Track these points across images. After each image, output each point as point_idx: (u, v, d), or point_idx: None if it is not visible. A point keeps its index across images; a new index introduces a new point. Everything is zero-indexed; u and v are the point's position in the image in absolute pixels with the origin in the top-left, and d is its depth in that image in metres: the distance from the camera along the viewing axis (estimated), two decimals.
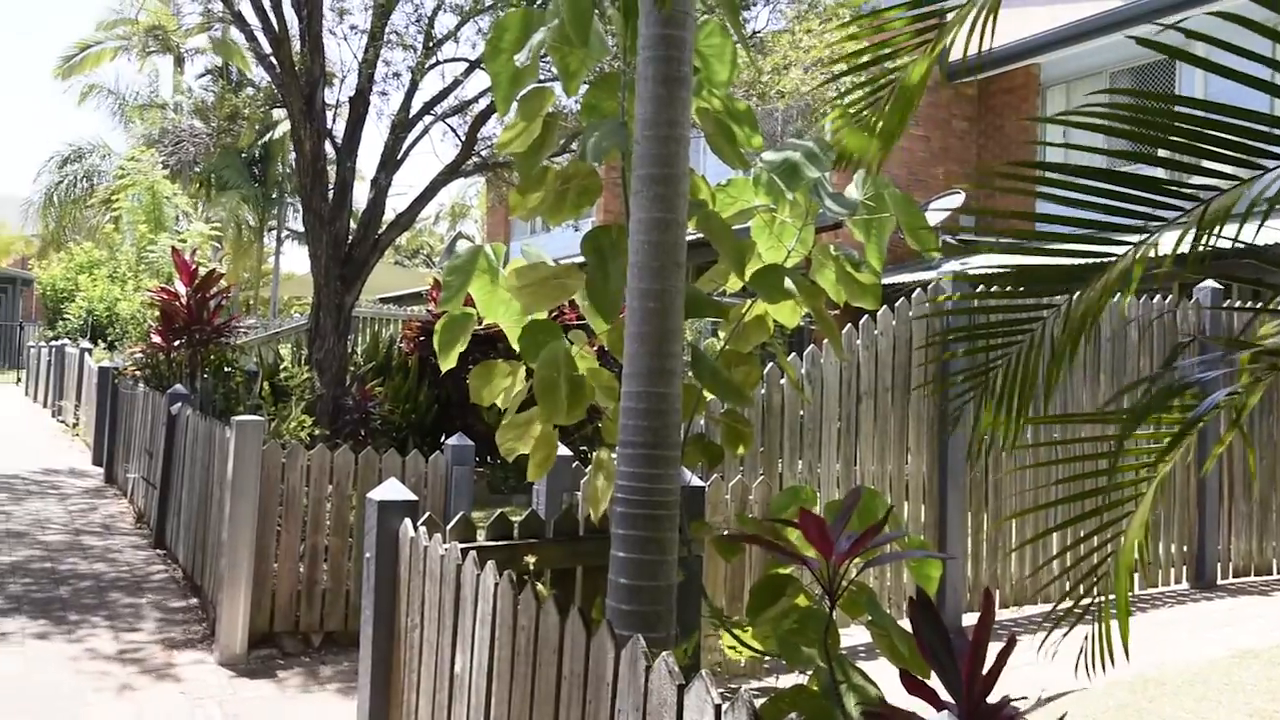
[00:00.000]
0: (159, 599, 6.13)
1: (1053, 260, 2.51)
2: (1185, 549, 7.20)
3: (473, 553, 2.95)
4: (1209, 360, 2.59)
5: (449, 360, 3.33)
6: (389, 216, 10.70)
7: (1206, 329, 7.20)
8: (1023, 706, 1.86)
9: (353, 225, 10.09)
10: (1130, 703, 4.67)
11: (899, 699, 2.09)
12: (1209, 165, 2.20)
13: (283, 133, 23.92)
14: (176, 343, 9.25)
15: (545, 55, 3.03)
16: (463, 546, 3.07)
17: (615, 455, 2.82)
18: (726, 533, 3.80)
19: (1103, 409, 6.69)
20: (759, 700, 1.94)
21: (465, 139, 10.17)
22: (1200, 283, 7.37)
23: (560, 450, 4.32)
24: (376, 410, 9.33)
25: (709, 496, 4.65)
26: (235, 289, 25.71)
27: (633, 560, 2.68)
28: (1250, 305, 7.57)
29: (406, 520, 3.43)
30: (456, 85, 10.38)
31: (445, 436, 6.45)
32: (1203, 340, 6.72)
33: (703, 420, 4.54)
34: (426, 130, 10.38)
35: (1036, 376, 2.66)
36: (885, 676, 2.49)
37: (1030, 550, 6.40)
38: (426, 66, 9.97)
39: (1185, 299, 7.32)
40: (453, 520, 3.28)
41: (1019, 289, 2.83)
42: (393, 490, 3.53)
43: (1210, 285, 7.31)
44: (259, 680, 4.86)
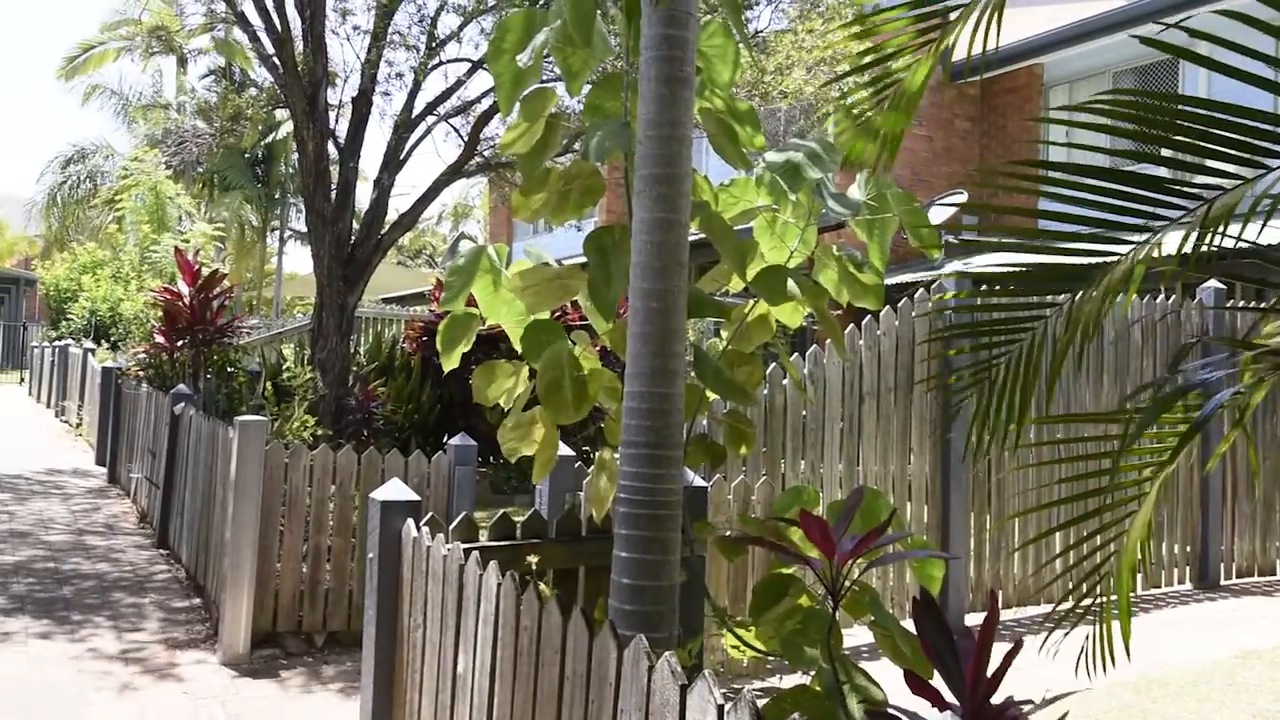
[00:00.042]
0: (162, 599, 6.14)
1: (1055, 259, 2.51)
2: (1188, 549, 7.19)
3: (475, 553, 2.95)
4: (1213, 362, 2.59)
5: (452, 360, 3.33)
6: (392, 217, 10.70)
7: (1210, 329, 7.19)
8: (1026, 708, 1.86)
9: (355, 225, 10.09)
10: (1133, 703, 4.66)
11: (902, 699, 2.09)
12: (1212, 164, 2.20)
13: (286, 133, 23.94)
14: (179, 343, 9.27)
15: (548, 56, 3.03)
16: (465, 547, 3.07)
17: (618, 455, 2.82)
18: (729, 533, 3.80)
19: (1108, 410, 6.68)
20: (762, 700, 1.94)
21: (468, 139, 10.17)
22: (1204, 283, 7.36)
23: (563, 450, 4.33)
24: (379, 410, 9.33)
25: (712, 497, 4.65)
26: (238, 289, 25.74)
27: (635, 560, 2.68)
28: (1254, 305, 7.57)
29: (409, 520, 3.43)
30: (459, 85, 10.38)
31: (448, 437, 6.46)
32: (1206, 341, 6.71)
33: (705, 420, 4.54)
34: (429, 131, 10.38)
35: (1039, 375, 2.66)
36: (888, 677, 2.49)
37: (1033, 550, 6.40)
38: (429, 67, 9.98)
39: (1188, 299, 7.31)
40: (455, 520, 3.28)
41: (1021, 288, 2.83)
42: (396, 490, 3.54)
43: (1214, 285, 7.30)
44: (262, 680, 4.86)
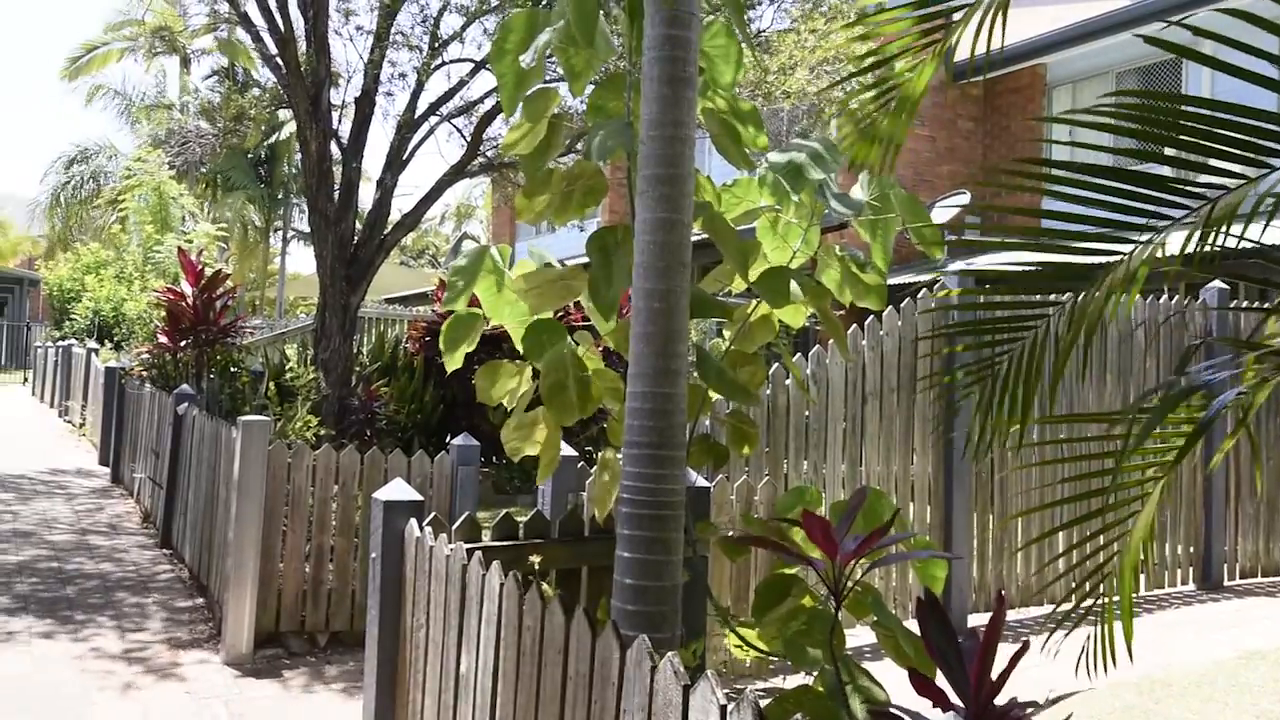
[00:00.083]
0: (165, 599, 6.15)
1: (1058, 258, 2.50)
2: (1192, 550, 7.18)
3: (478, 553, 2.96)
4: (1217, 363, 2.58)
5: (455, 361, 3.33)
6: (394, 217, 10.70)
7: (1214, 329, 7.18)
8: (1030, 709, 1.85)
9: (358, 226, 10.10)
10: (1136, 704, 4.66)
11: (905, 700, 2.09)
12: (1216, 164, 2.20)
13: (289, 133, 23.99)
14: (183, 343, 9.27)
15: (551, 56, 3.03)
16: (468, 546, 3.07)
17: (621, 456, 2.82)
18: (732, 533, 3.80)
19: (1111, 410, 6.67)
20: (764, 701, 1.94)
21: (471, 140, 10.17)
22: (1207, 283, 7.35)
23: (565, 451, 4.33)
24: (382, 410, 9.34)
25: (714, 497, 4.65)
26: (241, 289, 25.79)
27: (638, 560, 2.68)
28: (1258, 305, 7.55)
29: (412, 520, 3.43)
30: (462, 86, 10.39)
31: (450, 437, 6.47)
32: (1210, 342, 6.69)
33: (708, 421, 4.54)
34: (432, 131, 10.38)
35: (1041, 374, 2.65)
36: (891, 677, 2.49)
37: (1035, 550, 6.39)
38: (432, 67, 9.98)
39: (1192, 299, 7.30)
40: (458, 520, 3.29)
41: (1024, 287, 2.83)
42: (398, 490, 3.54)
43: (1217, 285, 7.28)
44: (264, 680, 4.86)
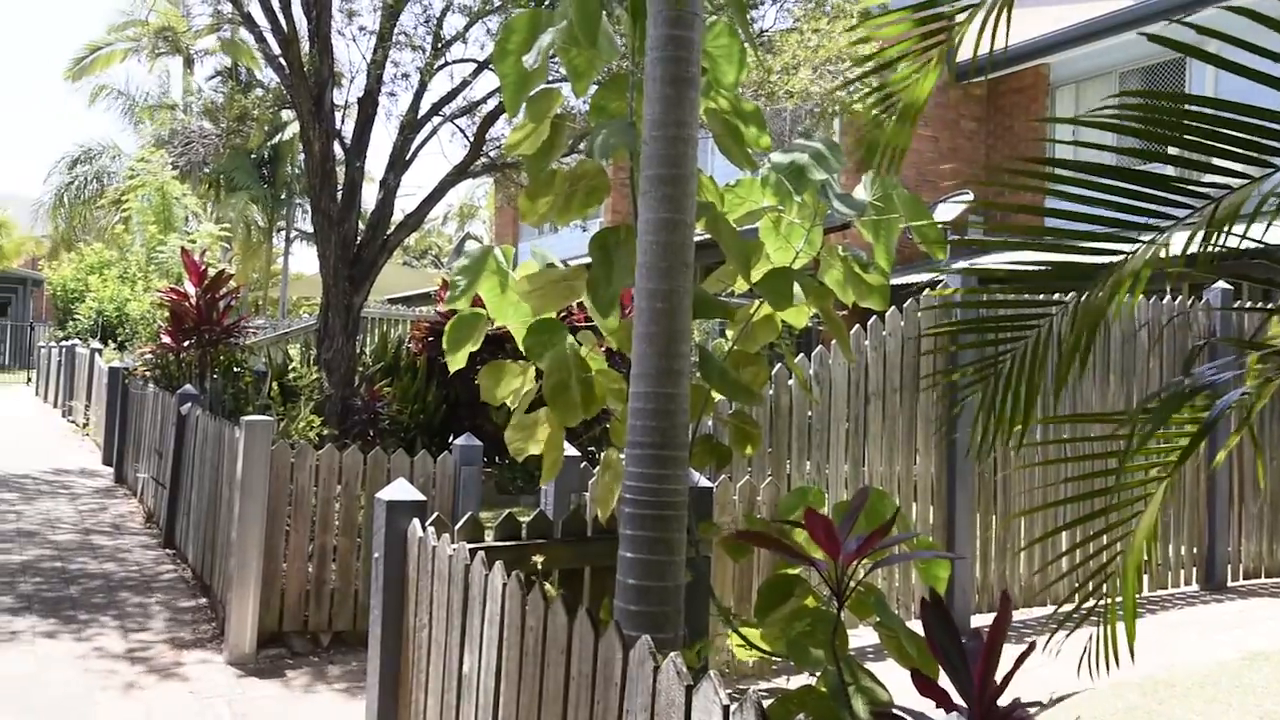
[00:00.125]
0: (168, 598, 6.15)
1: (1062, 258, 2.50)
2: (1195, 551, 7.17)
3: (481, 553, 2.96)
4: (1220, 364, 2.58)
5: (458, 360, 3.33)
6: (397, 217, 10.71)
7: (1217, 330, 7.16)
8: (1033, 710, 1.85)
9: (361, 226, 10.11)
10: (1139, 704, 4.65)
11: (908, 700, 2.08)
12: (1220, 163, 2.19)
13: (292, 134, 24.01)
14: (186, 343, 9.28)
15: (554, 56, 3.03)
16: (471, 547, 3.07)
17: (624, 456, 2.82)
18: (734, 531, 3.80)
19: (1114, 410, 6.67)
20: (767, 701, 1.94)
21: (473, 140, 10.18)
22: (1211, 283, 7.34)
23: (568, 451, 4.33)
24: (385, 410, 9.34)
25: (717, 497, 4.65)
26: (244, 289, 25.75)
27: (641, 561, 2.68)
28: (1261, 306, 7.54)
29: (415, 520, 3.43)
30: (465, 86, 10.39)
31: (453, 437, 6.47)
32: (1214, 343, 6.69)
33: (711, 421, 4.54)
34: (435, 131, 10.40)
35: (1044, 374, 2.65)
36: (893, 678, 2.49)
37: (1039, 550, 6.38)
38: (435, 67, 9.98)
39: (1196, 300, 7.29)
40: (461, 520, 3.29)
41: (1027, 286, 2.82)
42: (401, 490, 3.54)
43: (1221, 286, 7.27)
44: (267, 680, 4.87)
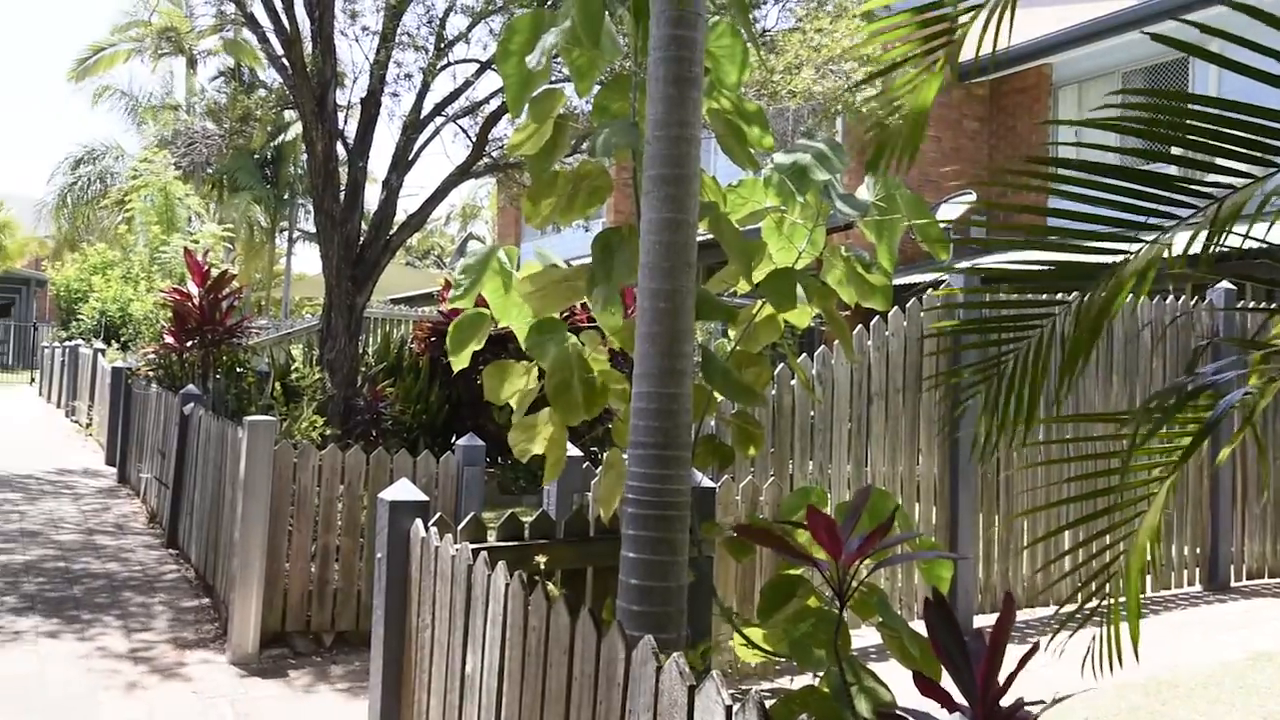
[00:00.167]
0: (171, 598, 6.16)
1: (1065, 257, 2.49)
2: (1198, 551, 7.16)
3: (484, 553, 2.96)
4: (1224, 364, 2.58)
5: (461, 360, 3.34)
6: (400, 217, 10.73)
7: (1220, 330, 7.16)
8: (1036, 710, 1.85)
9: (364, 226, 10.12)
10: (1143, 705, 4.64)
11: (910, 700, 2.08)
12: (1223, 163, 2.19)
13: (295, 134, 24.04)
14: (189, 343, 9.29)
15: (557, 56, 3.03)
16: (474, 547, 3.07)
17: (626, 456, 2.82)
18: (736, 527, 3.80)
19: (1117, 410, 6.66)
20: (770, 701, 1.94)
21: (476, 140, 10.18)
22: (1215, 284, 7.33)
23: (571, 451, 4.33)
24: (388, 411, 9.35)
25: (720, 497, 4.65)
26: (247, 290, 25.81)
27: (643, 561, 2.68)
28: (1264, 305, 7.53)
29: (418, 520, 3.43)
30: (467, 86, 10.39)
31: (456, 437, 6.47)
32: (1217, 342, 6.68)
33: (713, 421, 4.54)
34: (438, 131, 10.40)
35: (1047, 373, 2.65)
36: (896, 678, 2.49)
37: (1041, 550, 6.38)
38: (438, 68, 9.99)
39: (1199, 300, 7.28)
40: (464, 520, 3.29)
41: (1030, 286, 2.82)
42: (404, 490, 3.54)
43: (1224, 286, 7.27)
44: (270, 680, 4.87)
